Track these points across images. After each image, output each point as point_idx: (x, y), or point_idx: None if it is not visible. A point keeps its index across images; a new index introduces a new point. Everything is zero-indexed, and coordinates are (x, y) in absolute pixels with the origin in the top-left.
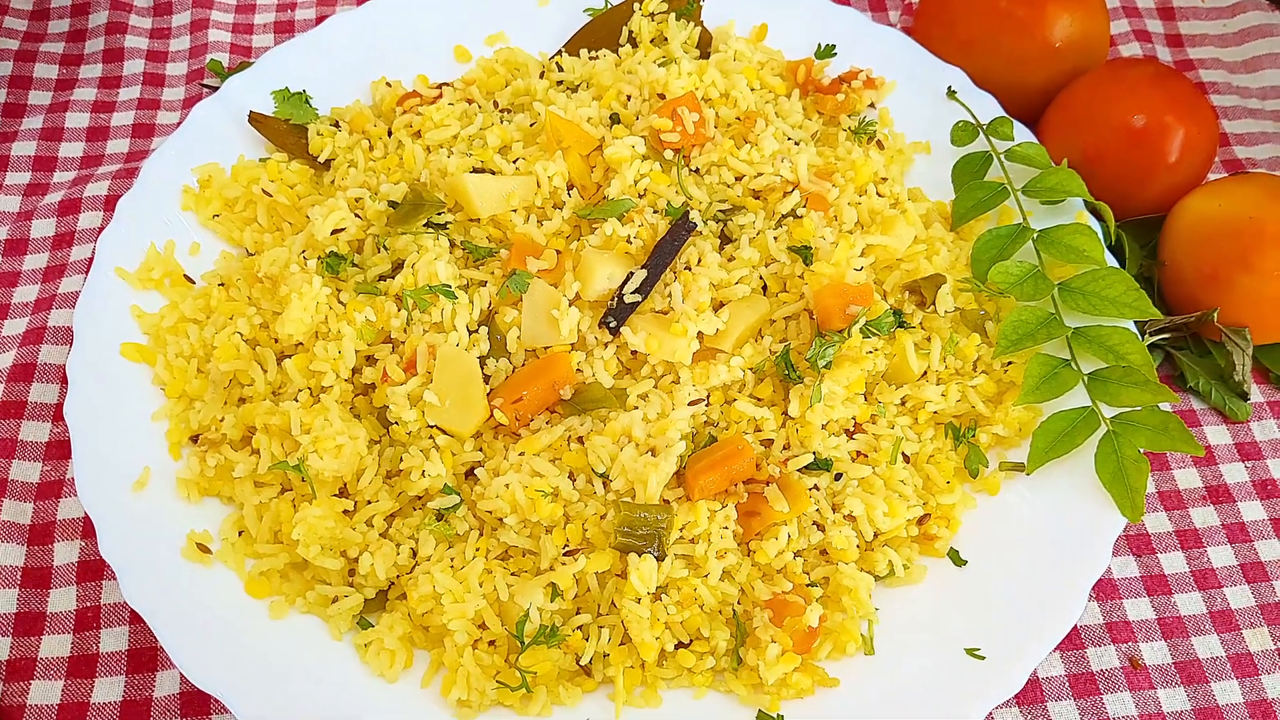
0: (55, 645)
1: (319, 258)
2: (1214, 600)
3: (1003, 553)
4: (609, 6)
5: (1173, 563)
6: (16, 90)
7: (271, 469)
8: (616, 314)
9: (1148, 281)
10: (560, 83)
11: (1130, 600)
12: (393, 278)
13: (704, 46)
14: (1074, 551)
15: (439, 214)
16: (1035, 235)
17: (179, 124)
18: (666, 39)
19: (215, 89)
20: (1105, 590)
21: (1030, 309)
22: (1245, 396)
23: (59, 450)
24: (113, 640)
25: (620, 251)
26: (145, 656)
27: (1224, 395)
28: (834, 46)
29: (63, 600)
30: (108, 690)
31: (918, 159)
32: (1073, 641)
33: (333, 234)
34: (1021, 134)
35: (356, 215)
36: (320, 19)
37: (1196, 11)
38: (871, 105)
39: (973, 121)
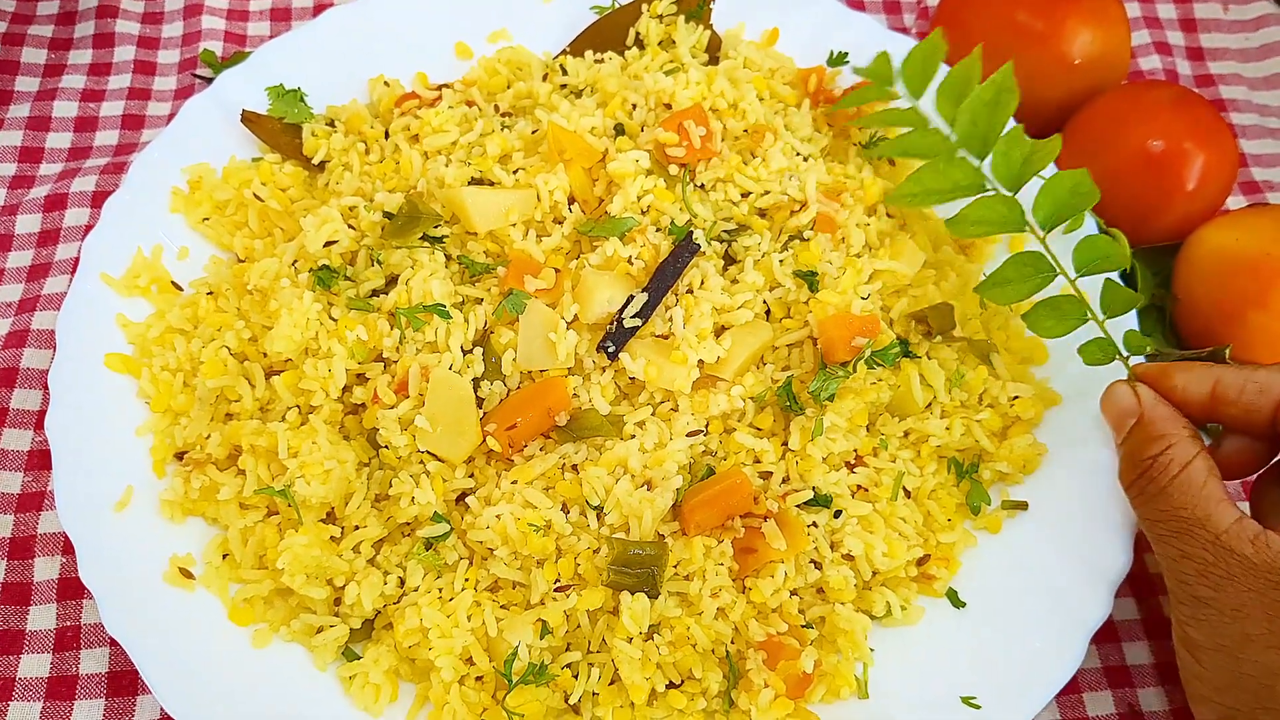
0: (34, 665)
1: (310, 270)
2: None
3: (1002, 595)
4: (616, 6)
5: None
6: (4, 76)
7: (257, 493)
8: (615, 339)
9: (1160, 312)
10: (564, 86)
11: (1129, 644)
12: (386, 293)
13: (713, 50)
14: (1075, 597)
15: (435, 226)
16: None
17: (170, 118)
18: (675, 42)
19: (208, 81)
20: (1105, 633)
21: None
22: None
23: (41, 460)
24: (93, 662)
25: (621, 272)
26: (125, 680)
27: None
28: (847, 54)
29: (42, 618)
30: (87, 713)
31: None
32: (1070, 686)
33: (325, 246)
34: None
35: (350, 226)
36: (318, 7)
37: (1219, 24)
38: None
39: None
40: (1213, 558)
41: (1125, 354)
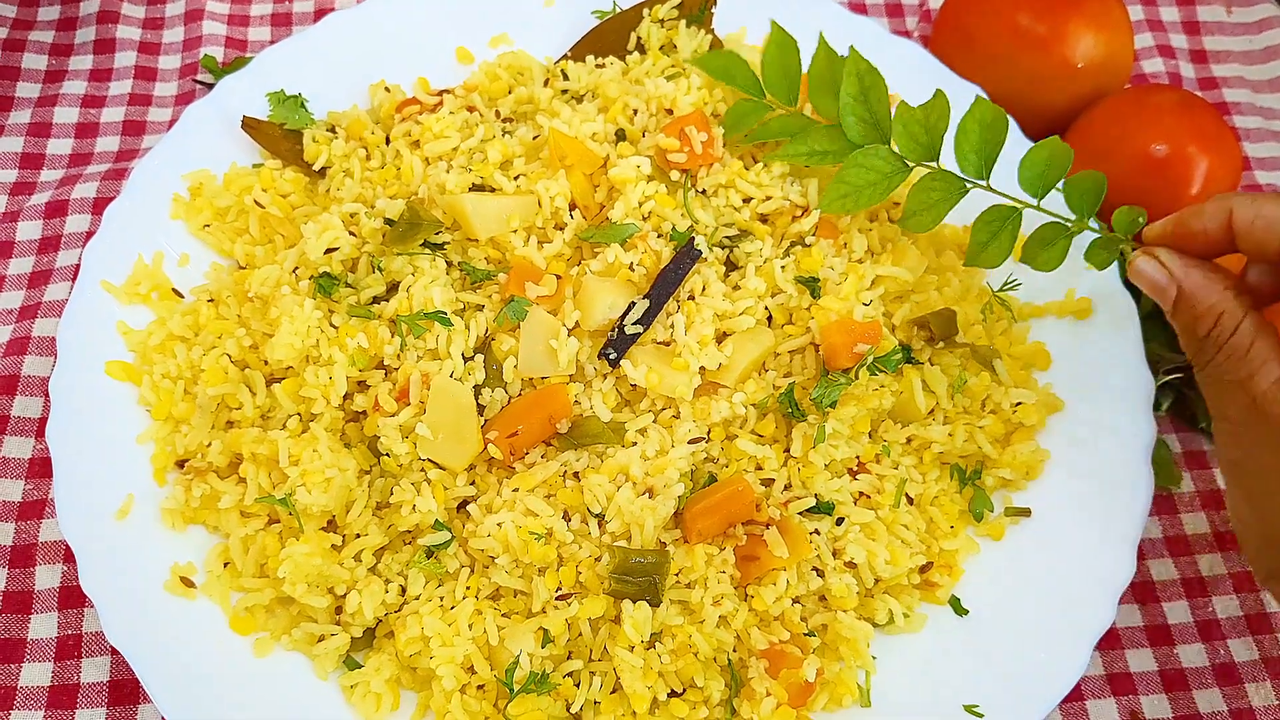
0: (35, 674)
1: (311, 277)
2: (1216, 653)
3: (1005, 603)
4: (617, 9)
5: (1176, 613)
6: (5, 82)
7: (258, 501)
8: (617, 345)
9: (1162, 317)
10: (565, 91)
11: (1132, 651)
12: (387, 300)
13: None
14: (1078, 604)
15: (436, 233)
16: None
17: (170, 123)
18: (676, 46)
19: (209, 86)
20: (1108, 640)
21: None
22: None
23: (42, 468)
24: (94, 670)
25: (622, 279)
26: (127, 688)
27: None
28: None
29: (44, 627)
30: None
31: None
32: (1073, 694)
33: (326, 253)
34: None
35: (351, 232)
36: (319, 12)
37: (1222, 26)
38: None
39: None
40: (1245, 420)
41: (1125, 238)
